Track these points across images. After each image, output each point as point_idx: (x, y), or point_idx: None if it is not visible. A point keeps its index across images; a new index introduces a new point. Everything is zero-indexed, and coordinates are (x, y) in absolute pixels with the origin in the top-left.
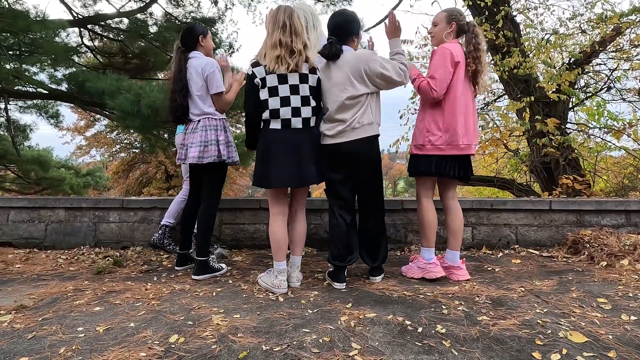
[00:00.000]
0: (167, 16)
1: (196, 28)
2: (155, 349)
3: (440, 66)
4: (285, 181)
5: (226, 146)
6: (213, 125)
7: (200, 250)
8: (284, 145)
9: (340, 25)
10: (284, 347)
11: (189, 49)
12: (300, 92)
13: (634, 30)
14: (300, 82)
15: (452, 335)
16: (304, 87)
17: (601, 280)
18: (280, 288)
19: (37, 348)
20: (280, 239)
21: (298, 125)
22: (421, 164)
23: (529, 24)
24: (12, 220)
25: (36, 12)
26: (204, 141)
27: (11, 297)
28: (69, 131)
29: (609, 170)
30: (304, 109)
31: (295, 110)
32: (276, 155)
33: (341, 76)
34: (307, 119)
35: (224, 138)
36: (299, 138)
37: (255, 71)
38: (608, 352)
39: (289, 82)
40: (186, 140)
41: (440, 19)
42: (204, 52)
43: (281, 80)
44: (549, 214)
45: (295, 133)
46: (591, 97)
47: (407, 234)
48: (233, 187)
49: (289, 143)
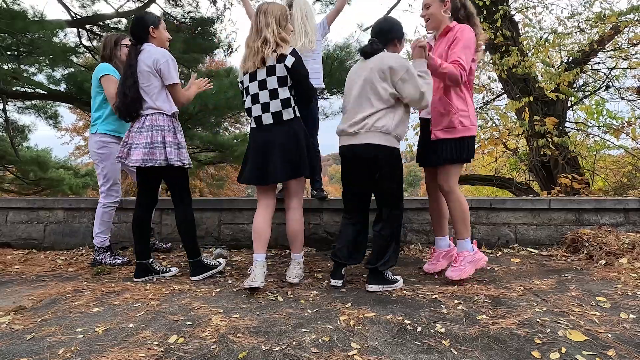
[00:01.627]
0: (166, 16)
1: (146, 18)
2: (154, 350)
3: (468, 47)
4: (251, 179)
5: (175, 148)
6: (160, 125)
7: (191, 253)
8: (255, 143)
9: (382, 29)
10: (284, 347)
11: (139, 41)
12: (268, 85)
13: (632, 29)
14: (268, 76)
15: (452, 335)
16: (271, 80)
17: (600, 279)
18: (250, 281)
19: (36, 349)
20: (258, 228)
21: (269, 121)
22: (471, 146)
23: (528, 23)
24: (11, 221)
25: (34, 12)
26: (149, 143)
27: (10, 298)
28: (67, 132)
29: (607, 169)
30: (272, 103)
31: (265, 105)
32: (250, 153)
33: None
34: (277, 113)
35: (171, 140)
36: (268, 136)
37: (239, 76)
38: (607, 351)
39: (257, 79)
40: (131, 138)
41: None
42: (157, 44)
43: (252, 78)
44: (548, 213)
45: (265, 130)
46: (590, 96)
47: (407, 234)
48: (232, 187)
49: (259, 141)
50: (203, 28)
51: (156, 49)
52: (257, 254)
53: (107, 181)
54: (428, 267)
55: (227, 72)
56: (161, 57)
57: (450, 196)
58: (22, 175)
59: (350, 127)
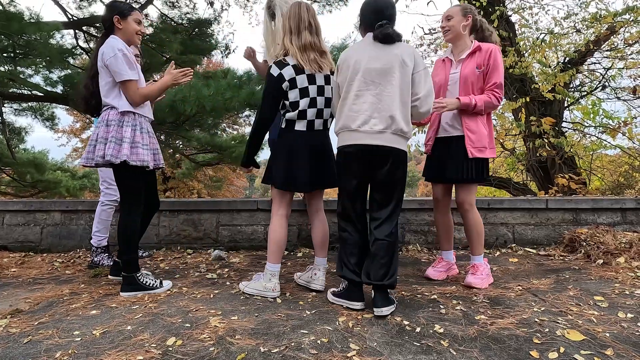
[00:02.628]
0: (163, 17)
1: (113, 6)
2: (152, 352)
3: (502, 71)
4: (313, 185)
5: (116, 144)
6: (109, 120)
7: (124, 266)
8: (309, 147)
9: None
10: (282, 348)
11: (107, 31)
12: (325, 93)
13: (628, 29)
14: (325, 84)
15: (450, 335)
16: (328, 88)
17: (598, 278)
18: (274, 292)
19: (33, 352)
20: (282, 239)
21: (320, 127)
22: (488, 166)
23: (524, 23)
24: (8, 223)
25: (30, 14)
26: (94, 139)
27: (7, 302)
28: (64, 133)
29: (604, 169)
30: (325, 111)
31: (320, 112)
32: (302, 157)
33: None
34: (326, 121)
35: (114, 134)
36: (321, 140)
37: (284, 72)
38: (605, 350)
39: (316, 83)
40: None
41: (455, 12)
42: (122, 36)
43: (311, 80)
44: (545, 212)
45: (317, 135)
46: (586, 96)
47: (405, 234)
48: (230, 188)
49: (315, 144)
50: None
51: (111, 41)
52: (277, 264)
53: (104, 180)
54: (433, 272)
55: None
56: (109, 51)
57: (471, 214)
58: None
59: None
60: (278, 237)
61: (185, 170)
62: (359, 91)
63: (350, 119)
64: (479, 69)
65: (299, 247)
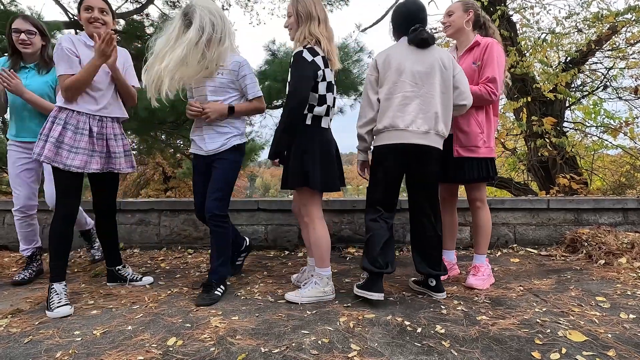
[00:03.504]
0: (164, 17)
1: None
2: (153, 352)
3: (500, 66)
4: (340, 184)
5: (44, 141)
6: (49, 116)
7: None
8: (330, 145)
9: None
10: (283, 349)
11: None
12: (334, 90)
13: (630, 29)
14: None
15: (452, 336)
16: (335, 86)
17: (599, 279)
18: (332, 294)
19: (34, 352)
20: (329, 243)
21: (328, 125)
22: (493, 165)
23: (526, 23)
24: (8, 223)
25: (31, 13)
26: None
27: (7, 301)
28: None
29: (606, 169)
30: (332, 109)
31: (330, 109)
32: (332, 156)
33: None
34: (332, 119)
35: (45, 132)
36: (332, 138)
37: (317, 61)
38: (607, 351)
39: (333, 80)
40: None
41: (456, 8)
42: (86, 30)
43: (333, 76)
44: (547, 212)
45: (330, 132)
46: (588, 95)
47: (406, 234)
48: None
49: (333, 143)
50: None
51: (62, 37)
52: (328, 268)
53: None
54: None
55: None
56: (56, 45)
57: (482, 211)
58: None
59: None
60: (327, 243)
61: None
62: (406, 92)
63: (398, 119)
64: (475, 64)
65: (299, 247)
